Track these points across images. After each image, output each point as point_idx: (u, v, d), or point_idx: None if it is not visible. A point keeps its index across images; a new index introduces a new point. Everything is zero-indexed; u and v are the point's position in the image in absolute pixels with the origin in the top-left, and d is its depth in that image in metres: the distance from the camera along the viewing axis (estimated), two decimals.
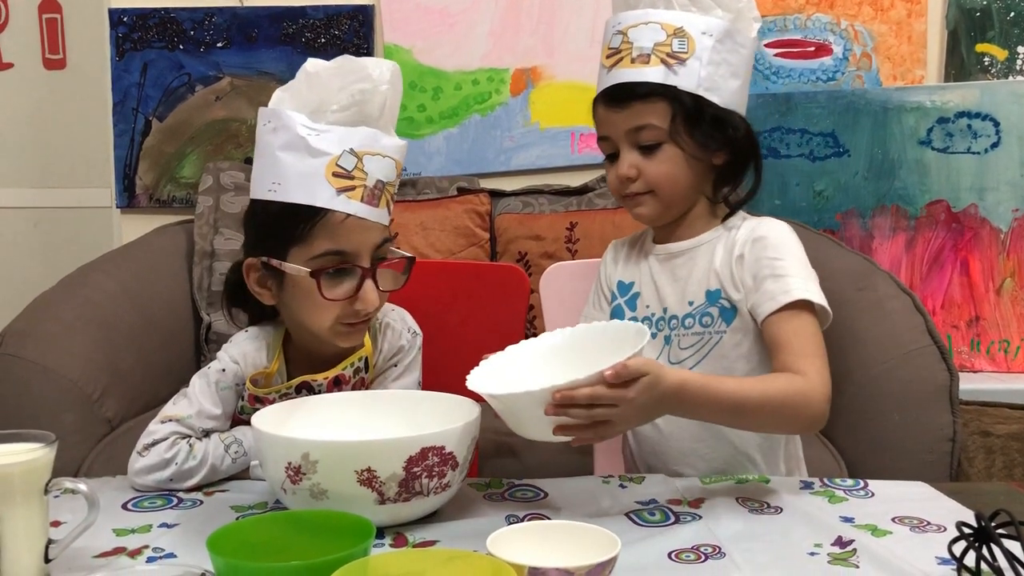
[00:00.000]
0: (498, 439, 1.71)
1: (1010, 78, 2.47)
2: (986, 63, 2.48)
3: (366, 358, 1.21)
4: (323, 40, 2.44)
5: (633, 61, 1.14)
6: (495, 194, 2.35)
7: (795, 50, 2.48)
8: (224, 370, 1.16)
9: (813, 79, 2.48)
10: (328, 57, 1.14)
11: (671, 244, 1.23)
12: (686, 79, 1.14)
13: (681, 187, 1.18)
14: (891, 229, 2.40)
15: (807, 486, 1.08)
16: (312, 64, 1.13)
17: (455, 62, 2.46)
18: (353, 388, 1.21)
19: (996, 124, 2.35)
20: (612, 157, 1.20)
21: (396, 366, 1.24)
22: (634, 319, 1.22)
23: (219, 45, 2.46)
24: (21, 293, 2.00)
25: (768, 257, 1.14)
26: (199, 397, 1.15)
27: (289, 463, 0.93)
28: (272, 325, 1.22)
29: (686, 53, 1.14)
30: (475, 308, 1.52)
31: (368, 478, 0.91)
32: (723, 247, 1.19)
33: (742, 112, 1.20)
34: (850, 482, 1.10)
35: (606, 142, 1.20)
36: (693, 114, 1.15)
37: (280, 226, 1.12)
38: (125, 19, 2.45)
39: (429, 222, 2.26)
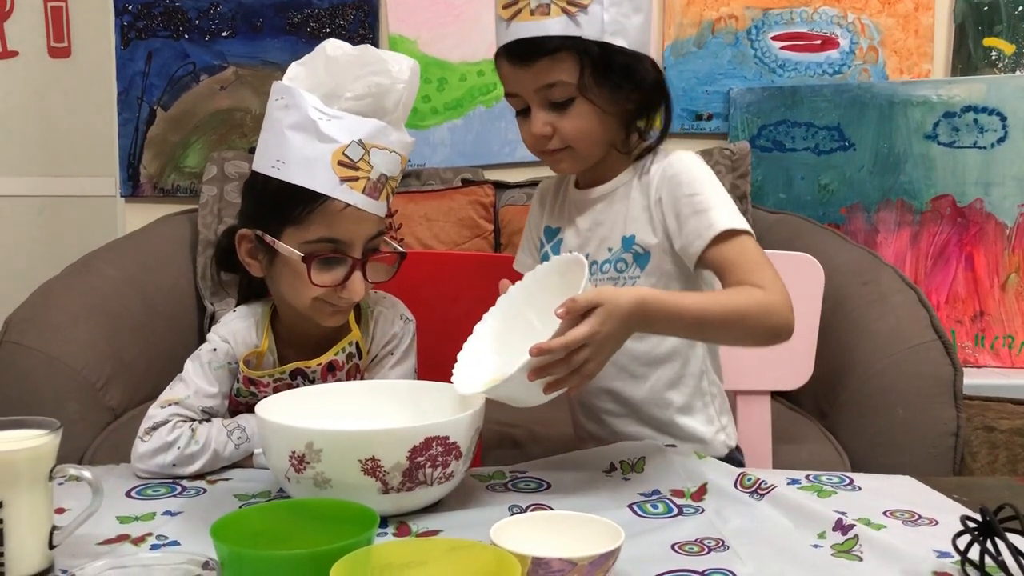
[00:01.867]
0: (501, 430, 1.71)
1: (1017, 72, 2.46)
2: (993, 57, 2.47)
3: (356, 343, 1.21)
4: (328, 30, 2.44)
5: (532, 12, 1.09)
6: (499, 185, 2.35)
7: (801, 43, 2.47)
8: (215, 349, 1.18)
9: (819, 72, 2.48)
10: None
11: (591, 190, 1.22)
12: (589, 27, 1.10)
13: (597, 140, 1.16)
14: (896, 223, 2.39)
15: (793, 482, 1.07)
16: (332, 46, 1.12)
17: (460, 53, 2.45)
18: (348, 374, 1.21)
19: (1003, 119, 2.34)
20: (524, 112, 1.16)
21: (392, 354, 1.24)
22: None
23: (224, 34, 2.46)
24: (25, 281, 2.00)
25: (685, 195, 1.13)
26: (194, 378, 1.16)
27: (293, 452, 0.93)
28: (260, 303, 1.23)
29: (586, 1, 1.10)
30: (479, 299, 1.51)
31: (372, 467, 0.91)
32: (638, 190, 1.19)
33: (647, 51, 1.16)
34: (836, 478, 1.10)
35: (515, 98, 1.16)
36: (600, 65, 1.11)
37: (278, 204, 1.12)
38: (130, 8, 2.45)
39: (433, 213, 2.26)
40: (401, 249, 1.20)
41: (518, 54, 1.12)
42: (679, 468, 1.09)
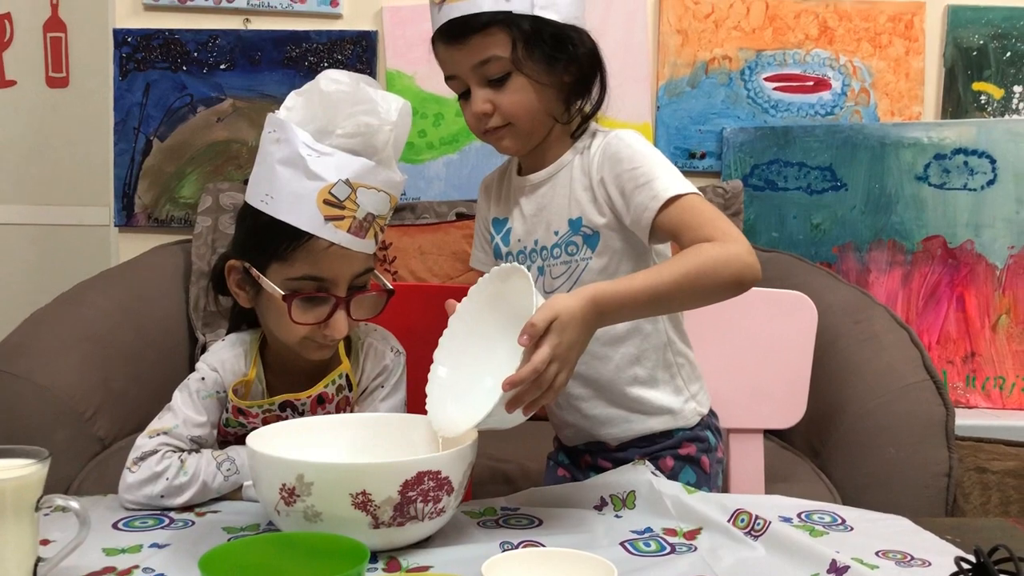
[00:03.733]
0: (492, 465, 1.70)
1: (1006, 116, 2.49)
2: (982, 101, 2.50)
3: (347, 375, 1.21)
4: (326, 64, 2.45)
5: None
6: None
7: (794, 84, 2.50)
8: (203, 378, 1.17)
9: (812, 113, 2.50)
10: None
11: (533, 175, 1.23)
12: (519, 1, 1.12)
13: (537, 114, 1.16)
14: (888, 263, 2.40)
15: (785, 520, 1.07)
16: (327, 80, 1.11)
17: None
18: (337, 406, 1.20)
19: (992, 161, 2.37)
20: (465, 95, 1.17)
21: (383, 387, 1.23)
22: (509, 254, 1.25)
23: (222, 67, 2.47)
24: (17, 309, 2.00)
25: (627, 170, 1.13)
26: (182, 408, 1.15)
27: (283, 484, 0.92)
28: (249, 332, 1.23)
29: None
30: None
31: (363, 501, 0.91)
32: (579, 170, 1.19)
33: (582, 24, 1.18)
34: (827, 516, 1.09)
35: (454, 81, 1.17)
36: (533, 38, 1.13)
37: (265, 239, 1.12)
38: (130, 39, 2.47)
39: (427, 247, 2.26)
40: (389, 286, 1.19)
41: (451, 34, 1.14)
42: (670, 505, 1.08)
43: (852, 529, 1.06)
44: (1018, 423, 2.16)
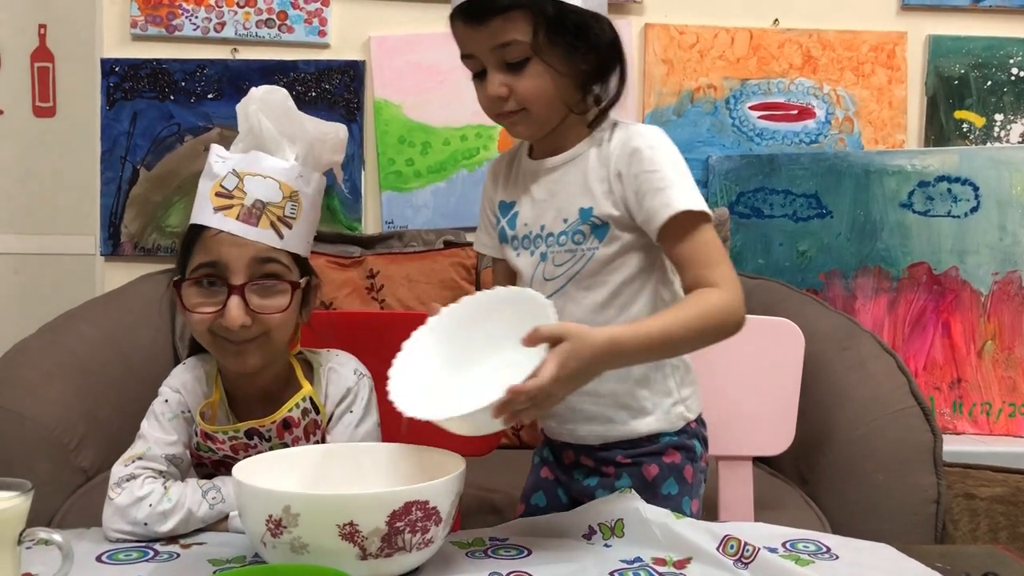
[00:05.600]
0: (480, 495, 1.69)
1: (988, 144, 2.52)
2: (964, 129, 2.53)
3: (311, 398, 1.20)
4: (313, 94, 2.47)
5: None
6: None
7: (779, 113, 2.53)
8: (167, 400, 1.19)
9: (796, 141, 2.53)
10: (318, 110, 1.18)
11: (547, 159, 1.21)
12: None
13: (553, 101, 1.15)
14: (873, 290, 2.42)
15: (772, 551, 1.06)
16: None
17: (444, 118, 2.49)
18: (306, 431, 1.20)
19: (975, 188, 2.39)
20: (480, 75, 1.15)
21: (351, 411, 1.23)
22: (515, 238, 1.24)
23: (210, 96, 2.48)
24: (1, 339, 1.98)
25: (645, 171, 1.12)
26: (151, 432, 1.17)
27: (270, 515, 0.91)
28: (206, 355, 1.24)
29: None
30: None
31: (350, 532, 0.90)
32: (596, 160, 1.17)
33: (604, 12, 1.17)
34: (812, 545, 1.09)
35: (471, 60, 1.15)
36: (555, 24, 1.11)
37: (182, 248, 1.17)
38: (117, 69, 2.47)
39: (415, 274, 2.26)
40: (295, 279, 1.17)
41: (472, 13, 1.11)
42: (658, 533, 1.07)
43: (838, 558, 1.05)
44: (1005, 449, 2.17)
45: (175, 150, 2.49)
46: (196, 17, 2.47)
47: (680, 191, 1.11)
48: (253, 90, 1.19)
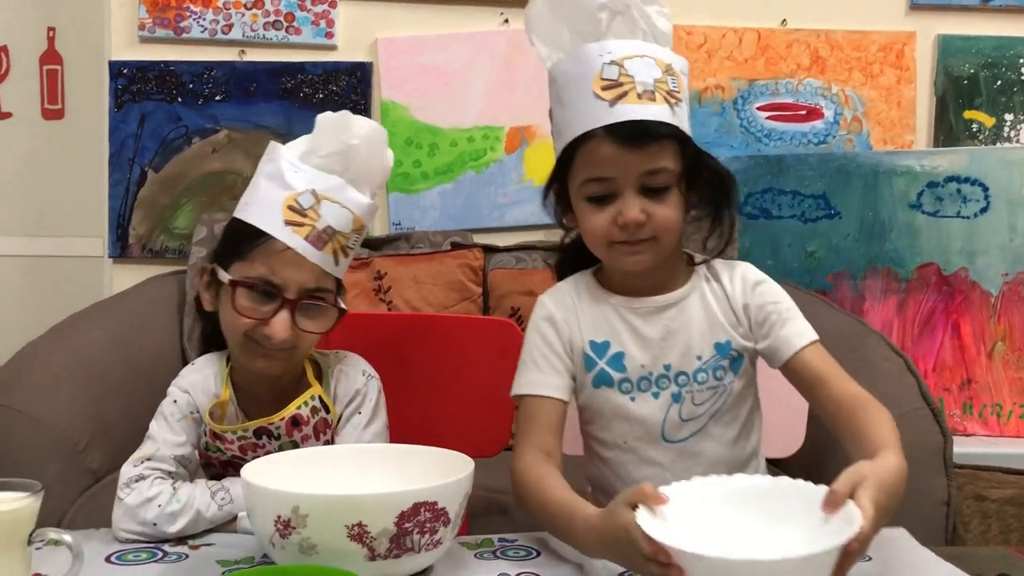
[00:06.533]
0: (488, 496, 1.69)
1: (998, 144, 2.51)
2: (974, 129, 2.52)
3: (320, 397, 1.21)
4: (321, 96, 2.47)
5: (639, 97, 1.08)
6: (488, 249, 2.36)
7: (787, 113, 2.52)
8: (175, 401, 1.20)
9: (804, 142, 2.52)
10: (326, 112, 1.20)
11: (657, 297, 1.17)
12: (680, 120, 1.12)
13: (678, 235, 1.15)
14: (882, 291, 2.41)
15: None
16: (321, 116, 1.20)
17: (451, 119, 2.49)
18: (315, 430, 1.20)
19: (985, 189, 2.38)
20: (601, 199, 1.11)
21: (360, 412, 1.24)
22: (624, 380, 1.16)
23: (217, 98, 2.48)
24: (9, 341, 1.98)
25: (771, 303, 1.16)
26: (159, 432, 1.17)
27: (279, 516, 0.91)
28: (219, 355, 1.25)
29: (679, 93, 1.12)
30: (468, 362, 1.51)
31: (359, 533, 0.90)
32: (712, 296, 1.18)
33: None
34: None
35: (602, 183, 1.10)
36: (694, 159, 1.14)
37: (232, 240, 1.19)
38: (125, 71, 2.48)
39: (422, 276, 2.26)
40: (343, 305, 1.21)
41: (628, 136, 1.08)
42: None
43: (870, 559, 1.04)
44: (1016, 450, 2.16)
45: (183, 152, 2.49)
46: (204, 19, 2.47)
47: (804, 322, 1.16)
48: (357, 123, 1.18)
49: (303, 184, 1.15)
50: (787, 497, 0.87)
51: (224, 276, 1.17)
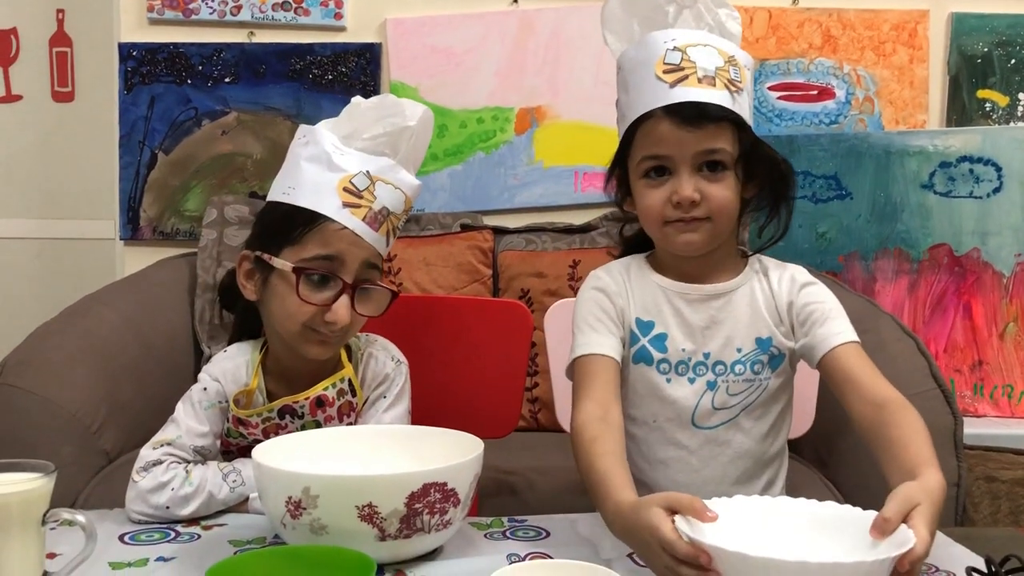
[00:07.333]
0: (498, 477, 1.70)
1: (1011, 124, 2.48)
2: (987, 109, 2.50)
3: (349, 379, 1.21)
4: (330, 77, 2.46)
5: (700, 81, 1.11)
6: (498, 231, 2.36)
7: (798, 93, 2.50)
8: (206, 388, 1.19)
9: (816, 122, 2.50)
10: (335, 93, 1.20)
11: (706, 285, 1.19)
12: (740, 109, 1.14)
13: (733, 217, 1.16)
14: (894, 272, 2.40)
15: None
16: (355, 100, 1.20)
17: (460, 101, 2.48)
18: (340, 412, 1.21)
19: (998, 169, 2.36)
20: (657, 177, 1.14)
21: (385, 396, 1.24)
22: (663, 361, 1.17)
23: (227, 80, 2.48)
24: (22, 323, 2.00)
25: (815, 302, 1.17)
26: (184, 419, 1.17)
27: (289, 497, 0.92)
28: (251, 343, 1.24)
29: (741, 83, 1.15)
30: (478, 344, 1.51)
31: (369, 514, 0.90)
32: (760, 292, 1.19)
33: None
34: None
35: (659, 160, 1.13)
36: (752, 145, 1.15)
37: (281, 225, 1.17)
38: (135, 53, 2.48)
39: (432, 258, 2.26)
40: (394, 288, 1.22)
41: (685, 115, 1.11)
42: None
43: None
44: None
45: (193, 134, 2.49)
46: (212, 1, 2.47)
47: (846, 322, 1.16)
48: (409, 106, 1.20)
49: (356, 166, 1.16)
50: (832, 520, 0.88)
51: (281, 263, 1.15)
